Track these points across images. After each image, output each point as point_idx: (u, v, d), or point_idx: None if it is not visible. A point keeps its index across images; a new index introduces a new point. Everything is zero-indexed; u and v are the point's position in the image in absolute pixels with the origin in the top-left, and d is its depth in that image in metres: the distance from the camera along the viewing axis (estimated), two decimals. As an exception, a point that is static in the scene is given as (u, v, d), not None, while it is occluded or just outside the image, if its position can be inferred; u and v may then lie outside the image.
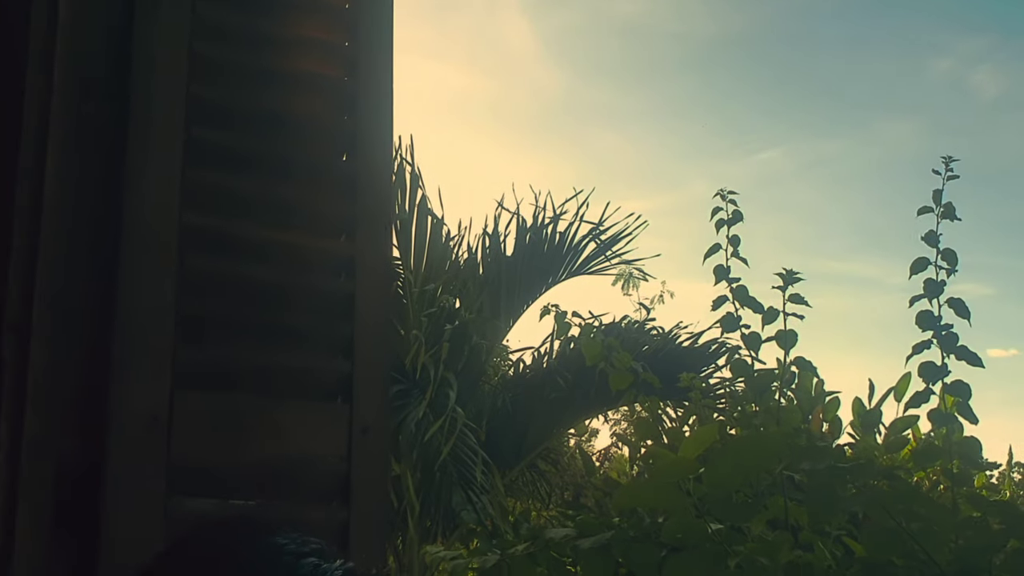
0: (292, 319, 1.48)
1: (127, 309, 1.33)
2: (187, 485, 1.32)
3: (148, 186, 1.37)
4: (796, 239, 20.56)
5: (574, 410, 8.09)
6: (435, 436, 6.21)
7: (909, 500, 2.11)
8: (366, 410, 1.50)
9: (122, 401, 1.31)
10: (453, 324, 7.15)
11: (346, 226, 1.57)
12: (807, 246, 20.35)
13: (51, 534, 1.27)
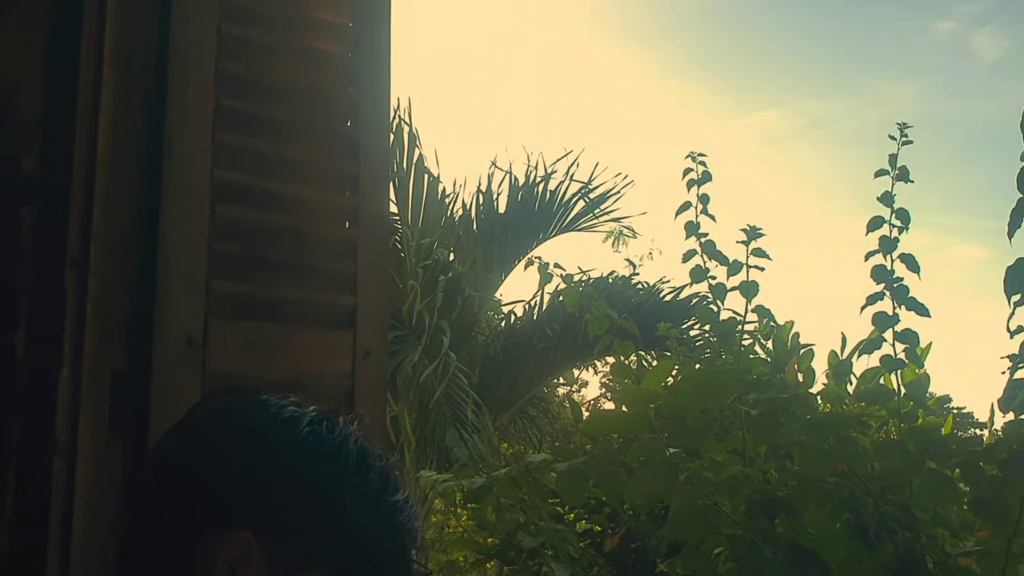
0: (305, 259, 1.71)
1: (167, 248, 1.56)
2: (219, 395, 1.55)
3: (185, 146, 1.59)
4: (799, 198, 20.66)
5: (561, 359, 8.36)
6: (429, 378, 6.47)
7: (839, 427, 2.35)
8: (367, 337, 1.73)
9: (164, 325, 1.53)
10: (447, 276, 7.39)
11: (350, 182, 1.79)
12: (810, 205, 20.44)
13: (106, 434, 1.50)
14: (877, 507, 2.33)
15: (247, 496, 0.98)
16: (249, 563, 0.95)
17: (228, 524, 0.96)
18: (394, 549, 1.02)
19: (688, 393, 2.48)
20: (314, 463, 1.00)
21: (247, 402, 1.06)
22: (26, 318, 1.53)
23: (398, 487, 1.04)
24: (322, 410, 1.05)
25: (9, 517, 1.48)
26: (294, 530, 0.98)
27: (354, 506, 1.00)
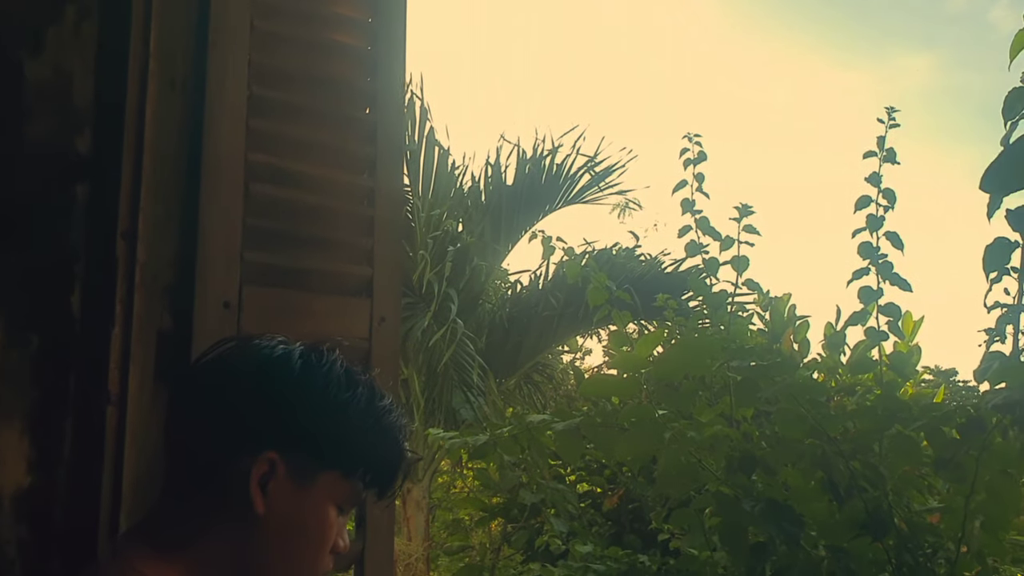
0: (328, 233, 1.87)
1: (206, 222, 1.72)
2: (251, 354, 1.71)
3: (222, 131, 1.74)
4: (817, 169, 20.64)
5: (565, 327, 8.53)
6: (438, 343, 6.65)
7: (812, 392, 2.52)
8: (383, 304, 1.90)
9: (203, 290, 1.70)
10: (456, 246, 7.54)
11: (368, 164, 1.94)
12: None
13: (152, 386, 1.67)
14: (847, 466, 2.50)
15: (265, 422, 1.17)
16: (276, 477, 1.14)
17: (254, 447, 1.15)
18: (389, 444, 1.22)
19: (676, 360, 2.64)
20: (311, 387, 1.19)
21: (245, 345, 1.24)
22: (81, 282, 1.70)
23: (383, 395, 1.24)
24: (310, 344, 1.24)
25: (67, 459, 1.66)
26: (306, 445, 1.17)
27: (350, 416, 1.19)
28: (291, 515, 1.17)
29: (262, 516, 1.15)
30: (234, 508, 1.15)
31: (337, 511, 1.21)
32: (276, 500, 1.15)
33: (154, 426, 1.65)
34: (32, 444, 1.63)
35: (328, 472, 1.19)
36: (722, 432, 2.61)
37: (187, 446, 1.20)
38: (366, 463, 1.21)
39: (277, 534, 1.17)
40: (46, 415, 1.64)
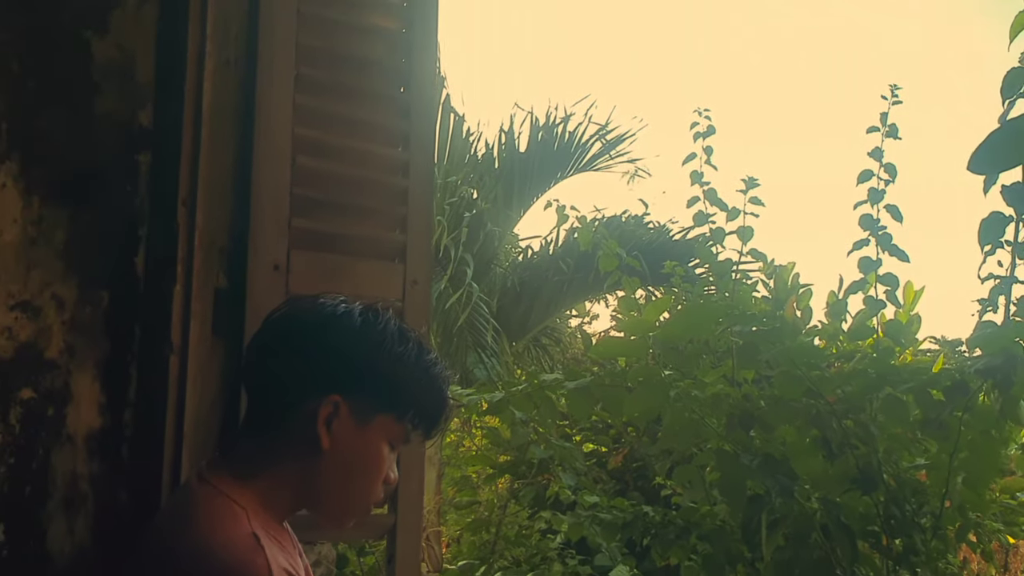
0: (367, 203, 2.02)
1: (258, 191, 1.87)
2: (297, 311, 1.87)
3: (271, 107, 1.89)
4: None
5: (574, 292, 8.66)
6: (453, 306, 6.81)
7: (809, 356, 2.67)
8: (415, 268, 2.05)
9: (256, 253, 1.85)
10: (471, 212, 7.67)
11: (402, 139, 2.09)
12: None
13: (210, 338, 1.83)
14: (840, 425, 2.66)
15: (329, 369, 1.33)
16: (339, 417, 1.31)
17: (320, 392, 1.31)
18: (435, 391, 1.39)
19: (681, 324, 2.79)
20: (372, 341, 1.35)
21: (309, 307, 1.41)
22: (145, 244, 1.86)
23: (430, 349, 1.42)
24: (367, 303, 1.41)
25: (133, 403, 1.83)
26: (365, 390, 1.34)
27: (402, 367, 1.36)
28: (351, 450, 1.34)
29: (327, 450, 1.32)
30: (302, 443, 1.32)
31: (389, 448, 1.38)
32: (339, 437, 1.32)
33: (212, 374, 1.82)
34: (103, 389, 1.79)
35: (383, 414, 1.36)
36: (723, 392, 2.77)
37: (263, 390, 1.37)
38: (416, 407, 1.38)
39: (339, 466, 1.34)
40: (115, 363, 1.81)
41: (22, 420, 1.72)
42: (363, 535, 2.09)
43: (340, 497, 1.37)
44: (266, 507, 1.33)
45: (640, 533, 3.50)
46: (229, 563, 1.20)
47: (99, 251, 1.82)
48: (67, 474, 1.75)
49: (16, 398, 1.72)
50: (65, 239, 1.79)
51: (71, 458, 1.76)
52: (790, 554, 2.95)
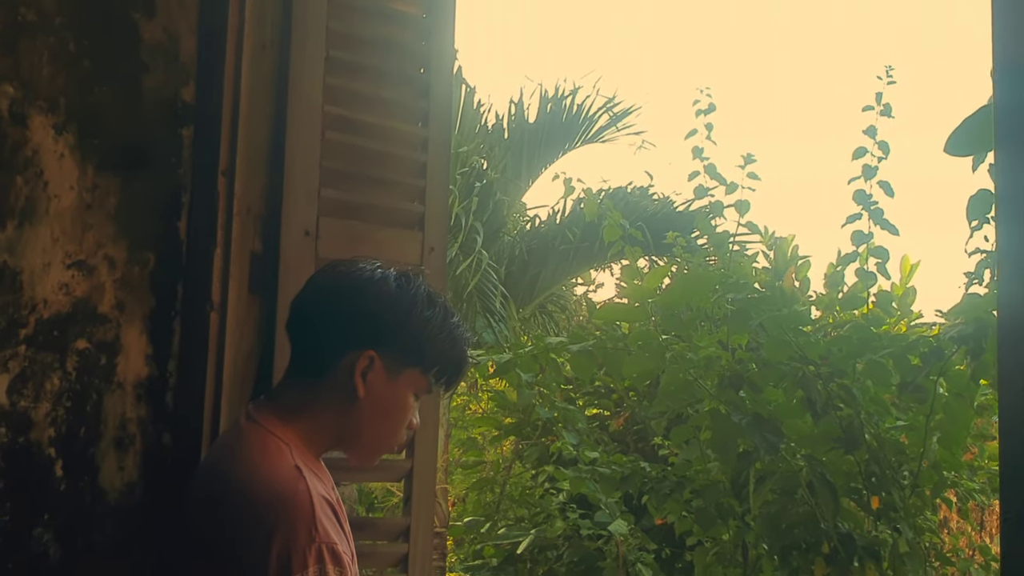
0: (389, 175, 2.17)
1: (291, 163, 2.02)
2: (325, 274, 2.03)
3: (303, 87, 2.04)
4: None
5: (580, 261, 8.84)
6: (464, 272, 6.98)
7: (796, 322, 2.83)
8: (432, 236, 2.21)
9: (288, 220, 2.01)
10: (481, 183, 7.82)
11: (422, 116, 2.23)
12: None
13: (247, 296, 1.99)
14: (825, 387, 2.82)
15: (367, 328, 1.49)
16: (373, 369, 1.47)
17: (357, 346, 1.48)
18: (458, 350, 1.56)
19: (680, 291, 2.95)
20: (404, 306, 1.52)
21: (349, 271, 1.57)
22: (187, 210, 2.02)
23: (454, 313, 1.59)
24: (401, 270, 1.57)
25: (176, 353, 1.99)
26: (397, 347, 1.50)
27: (430, 327, 1.53)
28: (382, 398, 1.51)
29: (362, 398, 1.49)
30: (340, 391, 1.49)
31: (414, 397, 1.55)
32: (372, 387, 1.49)
33: (248, 330, 1.99)
34: (150, 341, 1.96)
35: (411, 368, 1.52)
36: (715, 354, 2.93)
37: (306, 343, 1.53)
38: (440, 363, 1.55)
39: (371, 411, 1.51)
40: (161, 318, 1.97)
41: (77, 368, 1.89)
42: (385, 477, 2.26)
43: (371, 438, 1.54)
44: (307, 444, 1.50)
45: (637, 488, 3.68)
46: (276, 489, 1.37)
47: (146, 216, 1.97)
48: (117, 417, 1.92)
49: (73, 348, 1.89)
50: (116, 205, 1.95)
51: (121, 403, 1.93)
52: (777, 508, 3.13)
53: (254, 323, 1.99)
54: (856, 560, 3.19)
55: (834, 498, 3.02)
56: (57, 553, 1.85)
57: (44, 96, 1.90)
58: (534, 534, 5.58)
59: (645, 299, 2.95)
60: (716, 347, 3.00)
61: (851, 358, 2.84)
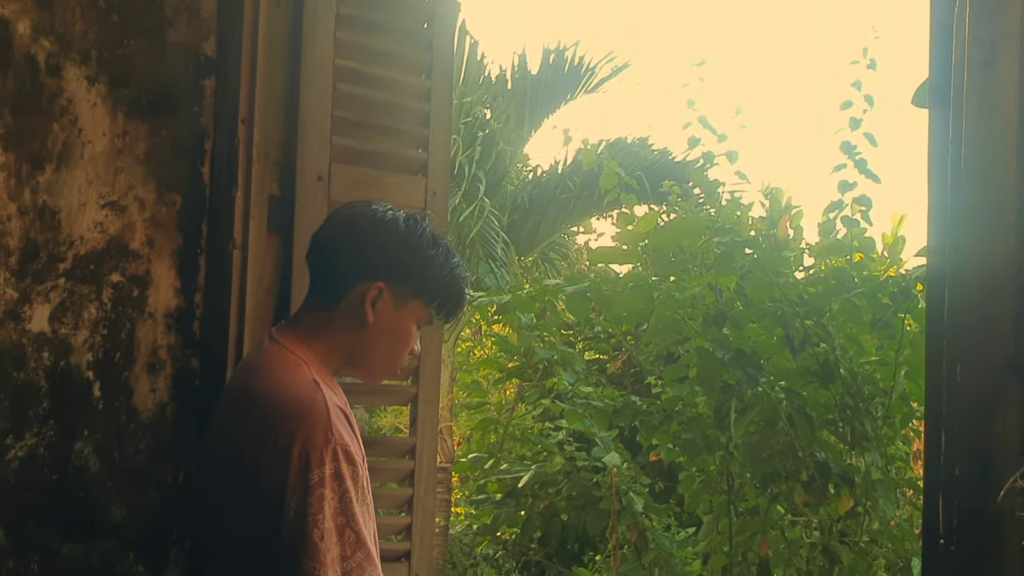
0: (395, 124, 2.31)
1: (304, 113, 2.15)
2: (337, 214, 2.18)
3: (316, 41, 2.17)
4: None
5: (580, 209, 8.97)
6: (467, 219, 7.13)
7: (776, 264, 2.98)
8: (435, 181, 2.35)
9: (303, 166, 2.15)
10: (484, 132, 7.93)
11: (425, 69, 2.36)
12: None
13: (266, 235, 2.14)
14: (802, 325, 2.97)
15: (377, 262, 1.65)
16: (382, 299, 1.63)
17: (368, 278, 1.63)
18: (457, 286, 1.72)
19: (669, 235, 3.09)
20: (410, 244, 1.67)
21: (365, 212, 1.72)
22: (210, 156, 2.16)
23: (455, 254, 1.75)
24: (409, 212, 1.72)
25: (202, 286, 2.15)
26: (403, 280, 1.66)
27: (433, 265, 1.68)
28: (388, 325, 1.67)
29: (371, 324, 1.65)
30: (352, 316, 1.65)
31: (416, 327, 1.71)
32: (380, 314, 1.65)
33: (267, 265, 2.14)
34: (178, 275, 2.11)
35: (415, 300, 1.68)
36: (700, 293, 3.09)
37: (324, 274, 1.69)
38: (441, 297, 1.70)
39: (378, 336, 1.67)
40: (188, 255, 2.12)
41: (112, 299, 2.05)
42: (393, 401, 2.43)
43: (378, 359, 1.71)
44: (322, 363, 1.66)
45: (628, 421, 3.86)
46: (297, 398, 1.53)
47: (173, 161, 2.12)
48: (149, 344, 2.09)
49: (107, 281, 2.05)
50: (145, 150, 2.09)
51: (152, 331, 2.09)
52: (759, 439, 3.31)
53: (273, 260, 2.14)
54: (832, 487, 3.38)
55: (811, 429, 3.19)
56: (96, 465, 2.03)
57: (77, 49, 2.03)
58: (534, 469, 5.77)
59: (636, 243, 3.10)
60: (702, 287, 3.15)
61: (827, 298, 2.99)
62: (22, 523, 1.96)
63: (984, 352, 1.19)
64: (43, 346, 1.98)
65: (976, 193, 1.24)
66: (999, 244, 1.20)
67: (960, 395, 1.20)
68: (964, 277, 1.21)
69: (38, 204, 1.98)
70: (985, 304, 1.19)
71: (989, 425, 1.18)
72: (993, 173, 1.23)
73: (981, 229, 1.24)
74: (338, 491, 1.49)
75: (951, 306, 1.21)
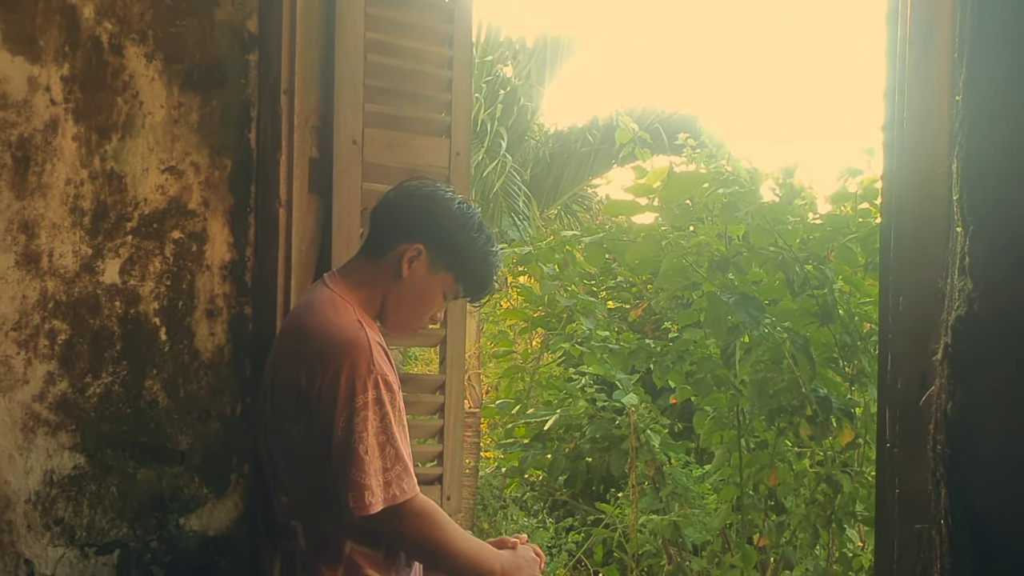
0: (421, 91, 2.52)
1: (340, 82, 2.37)
2: (372, 175, 2.41)
3: (348, 16, 2.37)
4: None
5: (600, 162, 9.13)
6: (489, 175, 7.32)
7: (778, 212, 3.17)
8: (458, 142, 2.56)
9: (339, 131, 2.37)
10: (506, 90, 8.09)
11: (448, 39, 2.56)
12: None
13: (307, 195, 2.37)
14: (802, 269, 3.17)
15: (424, 229, 1.88)
16: (419, 259, 1.86)
17: (412, 239, 1.86)
18: (489, 272, 1.94)
19: (678, 186, 3.29)
20: (457, 221, 1.89)
21: (427, 185, 1.94)
22: (256, 123, 2.38)
23: (495, 242, 1.95)
24: (465, 199, 1.94)
25: (252, 241, 2.38)
26: (441, 249, 1.88)
27: (473, 246, 1.90)
28: (418, 285, 1.89)
29: (404, 279, 1.87)
30: (391, 269, 1.88)
31: (443, 296, 1.93)
32: (414, 272, 1.87)
33: (309, 222, 2.37)
34: (231, 232, 2.35)
35: (448, 273, 1.91)
36: (705, 241, 3.29)
37: (380, 229, 1.92)
38: (471, 278, 1.93)
39: (407, 292, 1.89)
40: (239, 213, 2.36)
41: (174, 254, 2.30)
42: (424, 343, 2.67)
43: (402, 313, 1.93)
44: (364, 307, 1.89)
45: (643, 362, 4.09)
46: (344, 334, 1.77)
47: (223, 129, 2.35)
48: (207, 293, 2.33)
49: (169, 237, 2.29)
50: (198, 119, 2.32)
51: (210, 282, 2.34)
52: (764, 376, 3.52)
53: (314, 217, 2.37)
54: (834, 420, 3.60)
55: (813, 366, 3.40)
56: (164, 400, 2.29)
57: (136, 29, 2.26)
58: (559, 414, 6.00)
59: (648, 194, 3.30)
60: (708, 234, 3.35)
61: (824, 243, 3.19)
62: (102, 451, 2.23)
63: (919, 281, 1.38)
64: (115, 296, 2.23)
65: (914, 131, 1.40)
66: (932, 179, 1.35)
67: (903, 322, 1.41)
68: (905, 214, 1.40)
69: (106, 170, 2.22)
70: (920, 236, 1.37)
71: (925, 345, 1.37)
72: (928, 112, 1.37)
73: (918, 166, 1.40)
74: (379, 413, 1.73)
75: (896, 242, 1.41)
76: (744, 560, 3.82)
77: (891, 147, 1.54)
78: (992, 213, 0.78)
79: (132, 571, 2.25)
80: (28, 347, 2.14)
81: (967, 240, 0.83)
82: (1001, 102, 0.77)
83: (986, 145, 0.78)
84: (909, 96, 1.42)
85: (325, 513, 1.78)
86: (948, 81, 1.25)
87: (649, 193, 3.35)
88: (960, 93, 0.83)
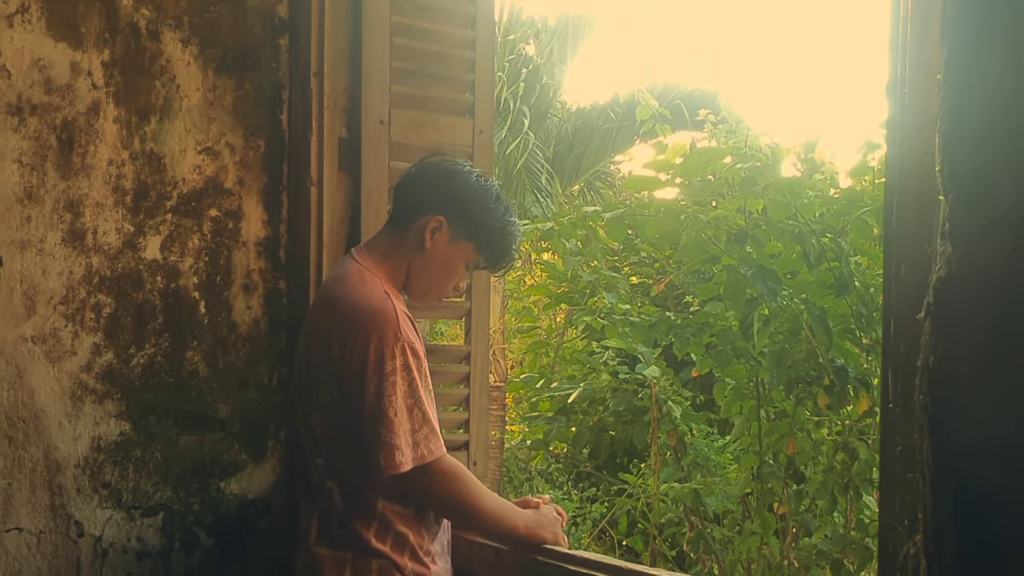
0: (444, 72, 2.59)
1: (367, 64, 2.44)
2: (398, 154, 2.50)
3: (374, 2, 2.46)
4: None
5: (622, 139, 9.17)
6: (512, 152, 7.40)
7: (794, 186, 3.23)
8: (481, 121, 2.64)
9: (366, 111, 2.45)
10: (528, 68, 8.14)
11: (470, 21, 2.63)
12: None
13: (337, 173, 2.46)
14: (818, 241, 3.24)
15: (444, 201, 1.96)
16: (440, 231, 1.94)
17: (434, 211, 1.94)
18: (508, 242, 2.01)
19: (695, 161, 3.35)
20: (476, 193, 1.97)
21: (447, 161, 2.03)
22: (287, 105, 2.47)
23: (513, 213, 2.02)
24: (483, 172, 2.03)
25: (285, 219, 2.48)
26: (462, 220, 1.96)
27: (491, 216, 1.98)
28: (440, 255, 1.97)
29: (427, 250, 1.96)
30: (414, 241, 1.96)
31: (464, 267, 2.02)
32: (436, 244, 1.96)
33: (339, 199, 2.46)
34: (265, 209, 2.45)
35: (468, 243, 1.98)
36: (723, 214, 3.36)
37: (404, 202, 2.00)
38: (491, 247, 2.00)
39: (430, 262, 1.97)
40: (272, 192, 2.46)
41: (212, 231, 2.40)
42: (450, 315, 2.75)
43: (425, 283, 2.01)
44: (391, 279, 1.98)
45: (664, 334, 4.17)
46: (373, 304, 1.86)
47: (256, 110, 2.44)
48: (244, 268, 2.44)
49: (207, 215, 2.39)
50: (232, 101, 2.41)
51: (246, 257, 2.44)
52: (783, 347, 3.60)
53: (344, 194, 2.46)
54: (851, 389, 3.66)
55: (829, 337, 3.47)
56: (204, 370, 2.39)
57: (172, 16, 2.35)
58: (583, 387, 6.09)
59: (667, 170, 3.37)
60: (727, 209, 3.42)
61: (839, 216, 3.25)
62: (145, 418, 2.34)
63: (916, 247, 1.44)
64: (156, 271, 2.34)
65: (913, 104, 1.46)
66: (926, 151, 1.40)
67: (904, 288, 1.48)
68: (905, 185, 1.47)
69: (146, 151, 2.32)
70: (918, 205, 1.43)
71: (919, 310, 1.43)
72: (924, 84, 1.42)
73: (915, 137, 1.45)
74: (407, 378, 1.83)
75: (898, 212, 1.47)
76: (764, 527, 3.90)
77: (893, 120, 1.60)
78: (969, 181, 0.85)
79: (176, 532, 2.37)
80: (75, 320, 2.24)
81: (947, 207, 0.90)
82: (974, 77, 0.84)
83: (962, 118, 0.85)
84: (910, 70, 1.47)
85: (359, 473, 1.88)
86: (939, 58, 1.32)
87: (669, 169, 3.42)
88: (941, 72, 0.90)
